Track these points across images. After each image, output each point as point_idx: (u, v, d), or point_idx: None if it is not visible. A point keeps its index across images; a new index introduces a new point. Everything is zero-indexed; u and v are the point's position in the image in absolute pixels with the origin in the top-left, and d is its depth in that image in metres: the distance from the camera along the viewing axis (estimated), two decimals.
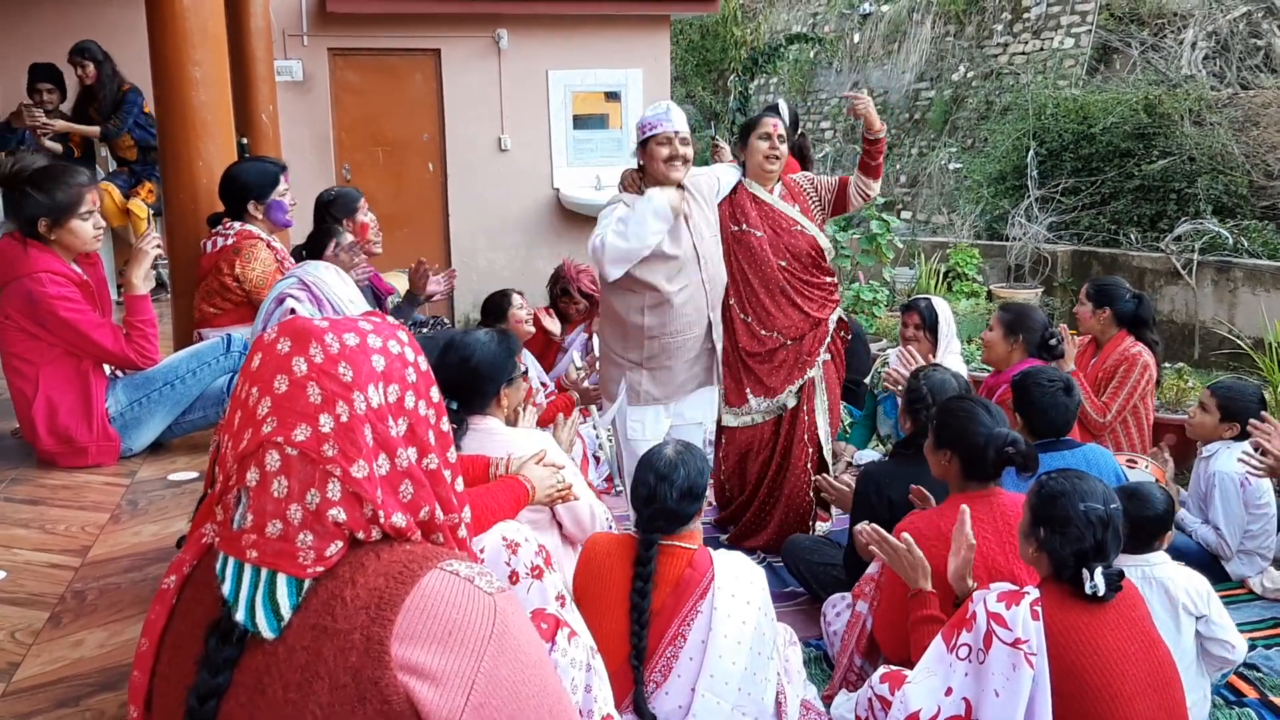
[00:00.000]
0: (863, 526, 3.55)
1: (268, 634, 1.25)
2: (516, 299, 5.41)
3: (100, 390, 3.53)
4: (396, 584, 1.26)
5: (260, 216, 4.15)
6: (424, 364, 1.41)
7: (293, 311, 3.41)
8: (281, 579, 1.26)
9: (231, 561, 1.28)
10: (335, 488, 1.27)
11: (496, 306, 5.38)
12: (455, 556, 1.33)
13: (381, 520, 1.29)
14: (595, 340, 5.84)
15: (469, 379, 2.96)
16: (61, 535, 2.98)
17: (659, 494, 2.77)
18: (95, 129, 6.83)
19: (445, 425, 1.42)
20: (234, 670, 1.27)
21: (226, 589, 1.28)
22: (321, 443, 1.27)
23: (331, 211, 4.89)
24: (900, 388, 4.19)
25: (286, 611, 1.26)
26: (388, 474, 1.31)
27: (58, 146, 6.75)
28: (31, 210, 3.38)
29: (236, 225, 4.08)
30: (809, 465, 4.58)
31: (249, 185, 4.13)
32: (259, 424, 1.29)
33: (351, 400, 1.29)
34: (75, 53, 6.75)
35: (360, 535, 1.29)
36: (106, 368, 3.63)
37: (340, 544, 1.28)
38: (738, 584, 2.75)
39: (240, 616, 1.26)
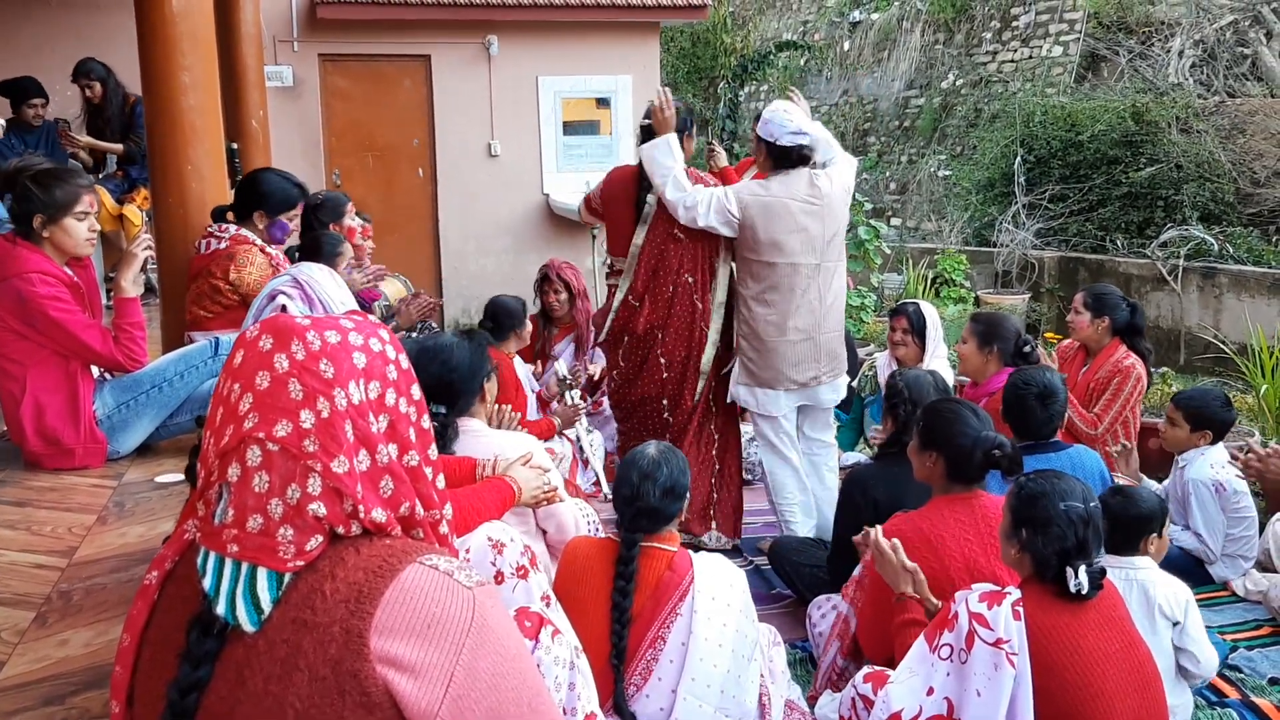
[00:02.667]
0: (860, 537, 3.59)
1: (248, 627, 1.26)
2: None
3: (88, 392, 3.54)
4: (376, 578, 1.27)
5: (261, 227, 4.18)
6: (405, 362, 1.42)
7: (284, 308, 3.42)
8: (262, 573, 1.27)
9: (213, 556, 1.30)
10: (316, 483, 1.29)
11: (505, 323, 5.43)
12: (435, 551, 1.35)
13: (361, 515, 1.31)
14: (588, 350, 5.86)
15: (453, 381, 2.98)
16: (48, 536, 2.98)
17: (642, 492, 2.79)
18: (118, 146, 6.96)
19: (426, 423, 1.43)
20: (215, 663, 1.28)
21: (208, 583, 1.29)
22: (302, 438, 1.28)
23: (319, 215, 4.89)
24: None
25: (267, 605, 1.27)
26: (368, 470, 1.33)
27: (89, 159, 6.94)
28: (29, 206, 3.40)
29: (232, 229, 4.09)
30: None
31: (266, 196, 4.18)
32: (240, 420, 1.30)
33: (332, 396, 1.31)
34: (81, 74, 6.87)
35: (340, 530, 1.30)
36: (94, 370, 3.63)
37: (320, 538, 1.29)
38: (718, 586, 2.76)
39: (221, 610, 1.27)
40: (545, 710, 1.36)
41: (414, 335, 4.88)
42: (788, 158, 4.29)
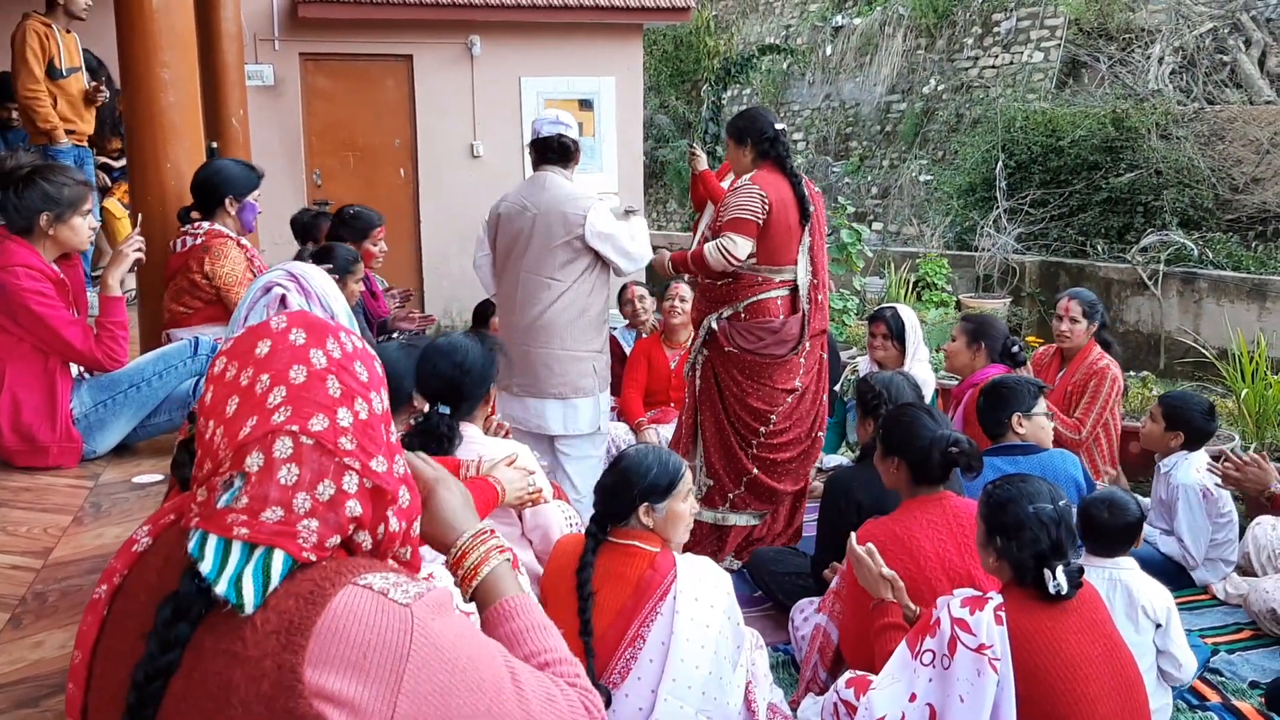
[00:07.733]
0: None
1: (250, 606, 1.21)
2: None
3: (66, 390, 3.49)
4: (307, 605, 1.23)
5: (233, 214, 4.12)
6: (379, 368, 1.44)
7: (283, 299, 3.36)
8: (278, 554, 1.24)
9: (213, 538, 1.24)
10: (353, 480, 1.29)
11: (482, 314, 5.42)
12: (372, 568, 1.30)
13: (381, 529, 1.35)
14: None
15: (465, 381, 2.96)
16: (23, 537, 2.94)
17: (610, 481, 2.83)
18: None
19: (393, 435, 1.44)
20: (183, 651, 1.24)
21: (206, 566, 1.23)
22: (339, 435, 1.28)
23: (341, 231, 4.87)
24: None
25: (275, 583, 1.23)
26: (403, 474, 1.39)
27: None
28: (37, 202, 3.35)
29: (205, 225, 4.04)
30: None
31: (231, 181, 4.11)
32: (268, 411, 1.27)
33: (370, 399, 1.33)
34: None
35: (350, 534, 1.31)
36: (73, 368, 3.59)
37: (338, 540, 1.29)
38: (701, 587, 2.74)
39: (222, 590, 1.21)
40: (507, 710, 1.32)
41: (397, 338, 4.85)
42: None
